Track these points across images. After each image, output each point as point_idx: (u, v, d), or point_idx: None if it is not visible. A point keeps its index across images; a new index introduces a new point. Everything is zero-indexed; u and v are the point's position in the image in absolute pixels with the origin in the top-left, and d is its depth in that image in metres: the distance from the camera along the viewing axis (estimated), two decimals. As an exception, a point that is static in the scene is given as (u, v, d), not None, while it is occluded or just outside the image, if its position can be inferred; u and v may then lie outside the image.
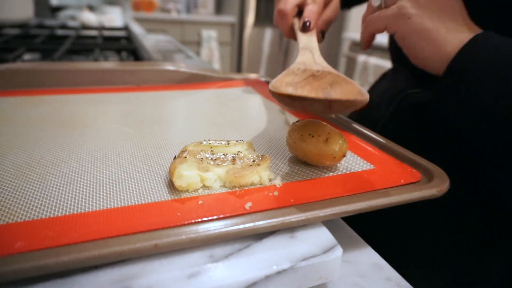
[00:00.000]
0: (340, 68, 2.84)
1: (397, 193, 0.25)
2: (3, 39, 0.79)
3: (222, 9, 3.12)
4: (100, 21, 1.38)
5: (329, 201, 0.23)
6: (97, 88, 0.48)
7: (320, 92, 0.29)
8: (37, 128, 0.34)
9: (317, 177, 0.27)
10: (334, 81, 0.29)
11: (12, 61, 0.60)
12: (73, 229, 0.19)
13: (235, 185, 0.24)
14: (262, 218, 0.21)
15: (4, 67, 0.45)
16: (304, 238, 0.22)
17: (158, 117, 0.38)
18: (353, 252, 0.26)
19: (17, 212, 0.20)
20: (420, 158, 0.29)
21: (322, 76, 0.30)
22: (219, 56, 2.88)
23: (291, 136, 0.29)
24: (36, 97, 0.42)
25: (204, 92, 0.49)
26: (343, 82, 0.29)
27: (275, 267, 0.20)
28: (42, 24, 1.15)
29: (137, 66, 0.51)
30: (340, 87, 0.28)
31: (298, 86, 0.30)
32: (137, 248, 0.18)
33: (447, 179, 0.27)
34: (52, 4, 1.64)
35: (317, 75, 0.31)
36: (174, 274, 0.19)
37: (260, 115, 0.41)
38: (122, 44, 0.89)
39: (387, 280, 0.23)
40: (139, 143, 0.31)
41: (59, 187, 0.23)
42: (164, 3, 2.88)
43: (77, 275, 0.18)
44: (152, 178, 0.25)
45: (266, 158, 0.26)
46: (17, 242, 0.18)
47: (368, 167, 0.29)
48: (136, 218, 0.20)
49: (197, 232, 0.19)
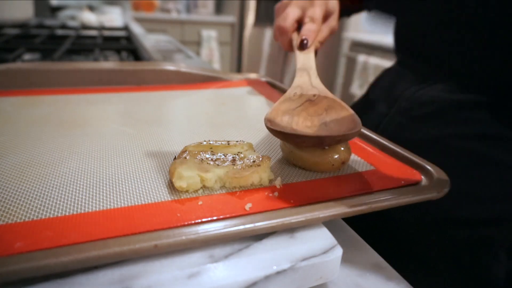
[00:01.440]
0: (340, 68, 2.84)
1: (398, 194, 0.25)
2: (3, 39, 0.79)
3: (222, 9, 3.12)
4: (100, 21, 1.38)
5: (329, 202, 0.23)
6: (97, 88, 0.48)
7: (315, 119, 0.30)
8: (37, 128, 0.33)
9: (318, 178, 0.27)
10: (330, 106, 0.30)
11: (12, 61, 0.60)
12: (73, 229, 0.19)
13: (235, 185, 0.24)
14: (262, 219, 0.21)
15: (4, 67, 0.45)
16: (304, 238, 0.22)
17: (158, 117, 0.38)
18: (353, 252, 0.26)
19: (16, 212, 0.20)
20: (420, 159, 0.29)
21: (318, 100, 0.31)
22: (219, 56, 2.88)
23: (286, 145, 0.29)
24: (36, 97, 0.42)
25: (204, 92, 0.49)
26: (338, 107, 0.30)
27: (275, 267, 0.20)
28: (42, 24, 1.15)
29: (137, 66, 0.51)
30: (336, 112, 0.30)
31: (294, 113, 0.31)
32: (136, 248, 0.18)
33: (447, 180, 0.27)
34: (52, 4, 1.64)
35: (313, 100, 0.32)
36: (174, 275, 0.19)
37: (260, 115, 0.41)
38: (122, 44, 0.89)
39: (387, 280, 0.23)
40: (139, 143, 0.31)
41: (59, 187, 0.23)
42: (164, 3, 2.88)
43: (77, 275, 0.18)
44: (152, 178, 0.25)
45: (266, 159, 0.26)
46: (17, 243, 0.18)
47: (369, 168, 0.29)
48: (136, 218, 0.20)
49: (197, 233, 0.19)
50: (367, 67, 2.26)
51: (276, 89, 0.52)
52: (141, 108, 0.41)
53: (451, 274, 0.38)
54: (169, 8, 2.85)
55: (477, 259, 0.36)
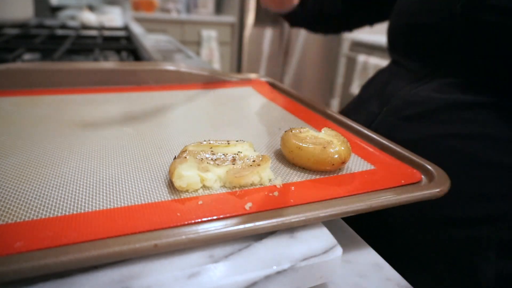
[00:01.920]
0: (340, 68, 2.84)
1: (398, 193, 0.25)
2: (3, 39, 0.79)
3: (222, 9, 3.11)
4: (100, 21, 1.38)
5: (329, 202, 0.23)
6: (97, 88, 0.48)
7: None
8: (37, 128, 0.33)
9: (318, 178, 0.27)
10: None
11: (12, 61, 0.60)
12: (73, 229, 0.19)
13: (235, 185, 0.24)
14: (262, 218, 0.21)
15: (4, 67, 0.45)
16: (304, 238, 0.22)
17: (158, 117, 0.38)
18: (353, 252, 0.26)
19: (17, 212, 0.20)
20: (421, 159, 0.29)
21: None
22: (219, 56, 2.88)
23: (286, 145, 0.29)
24: (36, 97, 0.42)
25: (204, 92, 0.49)
26: None
27: (275, 267, 0.20)
28: (42, 24, 1.15)
29: (137, 66, 0.51)
30: None
31: None
32: (136, 248, 0.18)
33: (447, 179, 0.27)
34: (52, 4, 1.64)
35: None
36: (174, 274, 0.19)
37: (260, 115, 0.41)
38: (122, 44, 0.89)
39: (387, 280, 0.23)
40: (139, 143, 0.31)
41: (59, 187, 0.23)
42: (164, 3, 2.88)
43: (77, 275, 0.18)
44: (152, 178, 0.25)
45: (266, 158, 0.26)
46: (17, 242, 0.18)
47: (369, 167, 0.29)
48: (136, 218, 0.20)
49: (197, 233, 0.19)
50: (367, 67, 2.26)
51: (276, 89, 0.52)
52: (141, 108, 0.41)
53: (445, 274, 0.38)
54: (169, 8, 2.85)
55: (468, 259, 0.36)
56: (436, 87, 0.41)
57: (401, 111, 0.43)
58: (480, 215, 0.36)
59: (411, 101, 0.43)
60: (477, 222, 0.37)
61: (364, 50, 2.41)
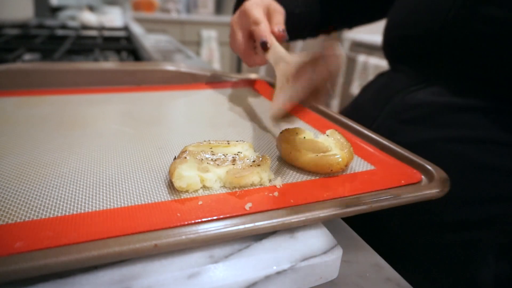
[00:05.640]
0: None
1: (398, 193, 0.25)
2: (3, 39, 0.80)
3: (222, 9, 3.12)
4: (100, 21, 1.38)
5: (329, 202, 0.23)
6: (97, 88, 0.48)
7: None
8: (37, 128, 0.33)
9: (318, 178, 0.27)
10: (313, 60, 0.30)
11: (12, 61, 0.60)
12: (73, 229, 0.19)
13: (235, 185, 0.24)
14: (262, 218, 0.21)
15: (4, 67, 0.45)
16: (304, 238, 0.22)
17: (158, 117, 0.38)
18: (353, 252, 0.25)
19: (17, 212, 0.20)
20: (421, 159, 0.29)
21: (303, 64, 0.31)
22: (219, 56, 2.88)
23: (285, 147, 0.29)
24: (36, 97, 0.42)
25: (204, 92, 0.49)
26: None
27: (275, 267, 0.20)
28: (42, 24, 1.15)
29: (137, 66, 0.51)
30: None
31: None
32: (137, 248, 0.18)
33: (448, 179, 0.27)
34: (52, 4, 1.64)
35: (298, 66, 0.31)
36: (174, 275, 0.19)
37: (260, 115, 0.41)
38: (122, 44, 0.89)
39: (387, 280, 0.23)
40: (139, 143, 0.31)
41: (59, 187, 0.23)
42: (164, 3, 2.88)
43: (77, 275, 0.18)
44: (152, 178, 0.25)
45: (266, 159, 0.26)
46: (17, 242, 0.18)
47: (369, 167, 0.29)
48: (136, 218, 0.20)
49: (197, 233, 0.19)
50: (367, 67, 2.26)
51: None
52: (141, 108, 0.41)
53: (444, 278, 0.38)
54: (169, 8, 2.85)
55: (467, 262, 0.37)
56: (434, 91, 0.41)
57: (400, 114, 0.43)
58: (478, 219, 0.36)
59: (409, 104, 0.43)
60: (476, 226, 0.37)
61: (364, 50, 2.41)
